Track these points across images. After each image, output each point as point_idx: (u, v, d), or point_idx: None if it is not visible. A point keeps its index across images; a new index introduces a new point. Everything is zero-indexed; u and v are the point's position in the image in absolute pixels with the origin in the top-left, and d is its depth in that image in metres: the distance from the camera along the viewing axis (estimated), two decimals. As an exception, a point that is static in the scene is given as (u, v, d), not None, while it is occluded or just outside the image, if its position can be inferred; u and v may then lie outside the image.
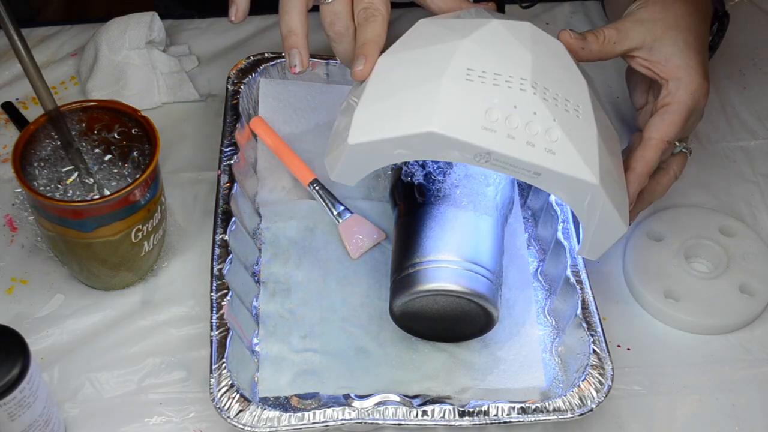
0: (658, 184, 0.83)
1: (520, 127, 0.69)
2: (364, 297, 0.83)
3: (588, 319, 0.78)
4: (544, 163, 0.69)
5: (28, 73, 0.73)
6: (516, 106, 0.69)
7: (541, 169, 0.69)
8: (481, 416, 0.73)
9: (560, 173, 0.69)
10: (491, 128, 0.69)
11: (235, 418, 0.73)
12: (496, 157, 0.69)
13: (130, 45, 0.97)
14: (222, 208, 0.84)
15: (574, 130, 0.70)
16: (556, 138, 0.69)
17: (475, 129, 0.68)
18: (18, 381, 0.66)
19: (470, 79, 0.70)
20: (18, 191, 0.90)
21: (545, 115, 0.70)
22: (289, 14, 0.77)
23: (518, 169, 0.69)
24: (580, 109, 0.72)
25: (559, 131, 0.69)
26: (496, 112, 0.69)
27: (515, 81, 0.70)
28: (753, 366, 0.82)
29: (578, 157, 0.70)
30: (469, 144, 0.68)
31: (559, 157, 0.69)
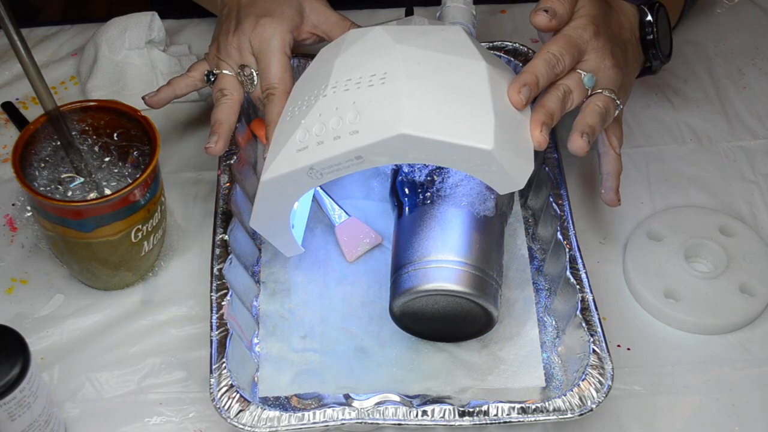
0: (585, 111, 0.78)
1: (326, 129, 0.72)
2: (364, 297, 0.83)
3: (588, 319, 0.78)
4: (354, 144, 0.71)
5: (28, 73, 0.73)
6: (320, 114, 0.74)
7: (356, 152, 0.71)
8: (481, 416, 0.73)
9: (367, 145, 0.71)
10: (303, 147, 0.73)
11: (235, 418, 0.73)
12: (319, 167, 0.72)
13: (130, 45, 0.97)
14: (222, 208, 0.84)
15: (373, 100, 0.72)
16: (354, 117, 0.71)
17: (293, 157, 0.73)
18: (18, 381, 0.66)
19: (289, 116, 0.77)
20: (18, 191, 0.90)
21: (345, 104, 0.72)
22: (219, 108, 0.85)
23: (343, 163, 0.72)
24: (387, 75, 0.73)
25: (356, 109, 0.71)
26: (303, 131, 0.73)
27: (318, 94, 0.75)
28: (753, 366, 0.82)
29: (377, 121, 0.71)
30: (293, 172, 0.73)
31: (363, 133, 0.71)
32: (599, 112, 0.79)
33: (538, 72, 0.76)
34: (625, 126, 0.97)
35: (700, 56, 1.05)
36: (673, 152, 0.96)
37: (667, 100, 1.01)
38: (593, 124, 0.78)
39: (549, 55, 0.77)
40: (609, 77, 0.80)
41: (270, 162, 0.75)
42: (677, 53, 1.05)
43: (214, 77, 0.86)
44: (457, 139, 0.70)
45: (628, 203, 0.91)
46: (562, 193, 0.86)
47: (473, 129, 0.70)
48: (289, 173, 0.73)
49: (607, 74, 0.80)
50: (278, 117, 0.80)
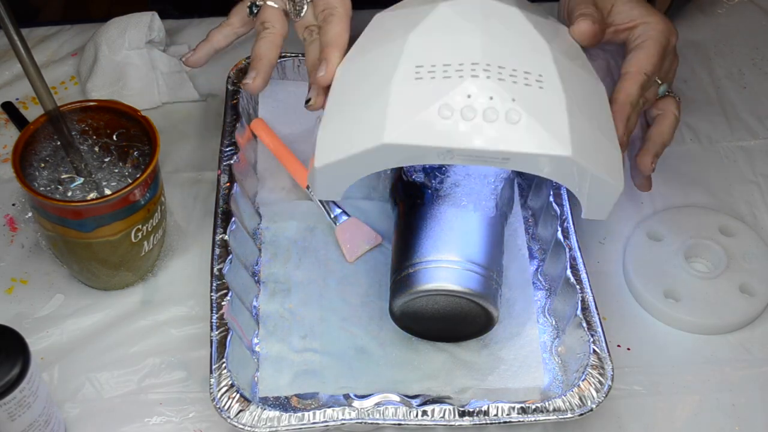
0: (661, 126, 0.84)
1: (478, 116, 0.66)
2: (364, 297, 0.83)
3: (588, 319, 0.78)
4: (509, 147, 0.66)
5: (28, 73, 0.73)
6: (470, 95, 0.67)
7: (507, 154, 0.67)
8: (481, 416, 0.73)
9: (528, 153, 0.67)
10: (446, 125, 0.66)
11: (235, 418, 0.73)
12: (458, 152, 0.67)
13: (129, 45, 0.97)
14: (222, 208, 0.84)
15: (537, 105, 0.67)
16: (518, 118, 0.67)
17: (430, 130, 0.66)
18: (18, 381, 0.66)
19: (420, 77, 0.68)
20: (18, 191, 0.90)
21: (503, 97, 0.67)
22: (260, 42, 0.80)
23: (486, 158, 0.67)
24: (544, 79, 0.69)
25: (519, 110, 0.67)
26: (449, 107, 0.67)
27: (466, 68, 0.68)
28: (753, 366, 0.82)
29: (545, 133, 0.66)
30: (426, 147, 0.66)
31: (525, 137, 0.66)
32: (674, 125, 0.85)
33: (634, 101, 0.79)
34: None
35: (700, 56, 1.05)
36: (673, 152, 0.96)
37: (667, 100, 1.01)
38: (668, 141, 0.84)
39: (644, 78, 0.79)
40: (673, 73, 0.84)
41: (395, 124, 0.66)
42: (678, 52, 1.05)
43: (258, 9, 0.81)
44: (606, 175, 0.69)
45: (628, 203, 0.92)
46: (562, 193, 0.86)
47: (611, 163, 0.70)
48: (421, 146, 0.66)
49: (673, 71, 0.84)
50: (339, 39, 0.74)
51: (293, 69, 0.97)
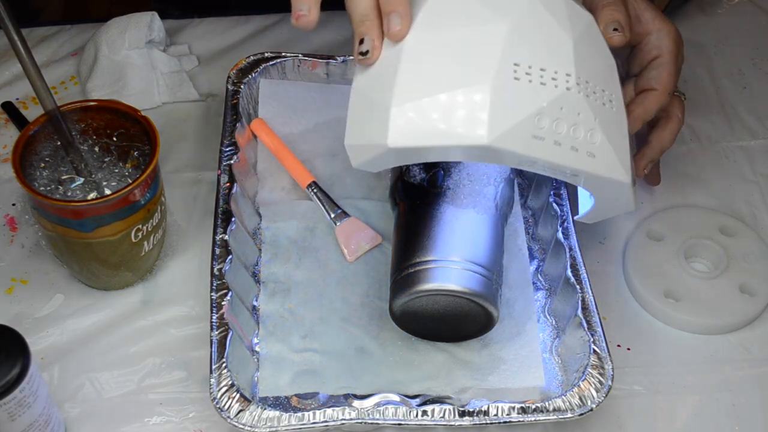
0: (663, 130, 0.85)
1: (565, 133, 0.68)
2: (364, 297, 0.83)
3: (588, 319, 0.78)
4: (585, 167, 0.69)
5: (28, 73, 0.73)
6: (562, 108, 0.67)
7: (581, 173, 0.70)
8: (481, 416, 0.73)
9: (599, 176, 0.70)
10: (540, 136, 0.66)
11: (235, 418, 0.73)
12: (541, 164, 0.68)
13: (129, 45, 0.97)
14: (222, 208, 0.84)
15: (611, 128, 0.70)
16: (597, 140, 0.69)
17: (526, 138, 0.66)
18: (18, 381, 0.66)
19: (517, 77, 0.66)
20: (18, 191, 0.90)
21: (588, 116, 0.69)
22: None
23: (558, 172, 0.70)
24: (614, 99, 0.72)
25: (600, 133, 0.69)
26: (545, 118, 0.66)
27: (560, 77, 0.68)
28: (753, 366, 0.82)
29: (615, 159, 0.70)
30: (519, 155, 0.66)
31: (599, 160, 0.69)
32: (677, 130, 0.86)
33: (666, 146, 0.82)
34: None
35: (700, 56, 1.05)
36: (673, 152, 0.96)
37: (667, 100, 1.01)
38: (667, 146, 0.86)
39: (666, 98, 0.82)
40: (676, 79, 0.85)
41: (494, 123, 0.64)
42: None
43: None
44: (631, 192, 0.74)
45: (628, 203, 0.92)
46: (562, 193, 0.86)
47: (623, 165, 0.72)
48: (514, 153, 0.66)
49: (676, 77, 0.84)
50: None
51: (293, 69, 0.97)
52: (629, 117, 0.78)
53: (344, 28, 1.06)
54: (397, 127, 0.66)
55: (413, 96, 0.66)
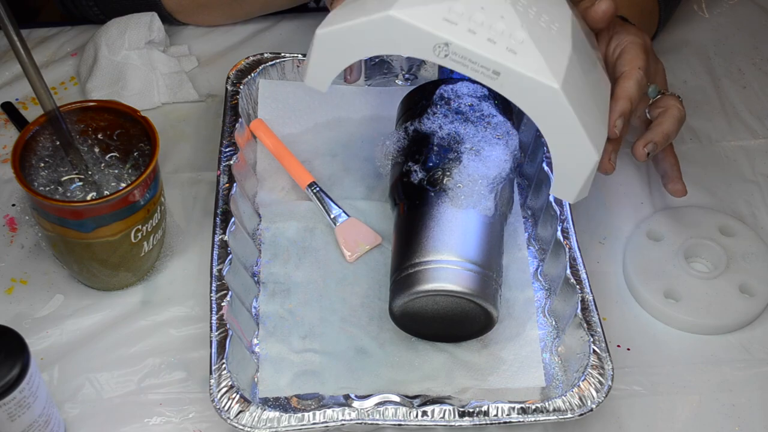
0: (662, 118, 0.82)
1: (484, 24, 0.68)
2: (363, 297, 0.83)
3: (588, 319, 0.78)
4: (504, 60, 0.68)
5: (27, 73, 0.73)
6: (483, 7, 0.69)
7: (500, 68, 0.68)
8: (481, 416, 0.73)
9: (520, 73, 0.68)
10: (452, 20, 0.68)
11: (235, 418, 0.73)
12: (454, 49, 0.68)
13: (129, 45, 0.97)
14: (221, 208, 0.84)
15: (542, 38, 0.69)
16: (520, 39, 0.68)
17: (436, 18, 0.68)
18: (18, 381, 0.66)
19: None
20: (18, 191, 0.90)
21: (512, 19, 0.69)
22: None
23: (477, 66, 0.68)
24: (555, 27, 0.71)
25: (524, 34, 0.69)
26: (460, 6, 0.69)
27: None
28: (753, 366, 0.82)
29: (541, 60, 0.68)
30: (428, 32, 0.68)
31: (521, 58, 0.68)
32: (678, 117, 0.82)
33: (633, 97, 0.78)
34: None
35: (700, 56, 1.05)
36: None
37: (667, 100, 1.01)
38: (669, 131, 0.82)
39: (640, 74, 0.79)
40: (663, 78, 0.84)
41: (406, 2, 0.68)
42: (677, 53, 1.05)
43: None
44: (585, 132, 0.70)
45: (628, 203, 0.92)
46: (562, 193, 0.86)
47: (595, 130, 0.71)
48: (422, 29, 0.68)
49: (662, 75, 0.83)
50: None
51: (292, 69, 0.97)
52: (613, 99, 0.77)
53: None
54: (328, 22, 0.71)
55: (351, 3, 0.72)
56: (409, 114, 0.86)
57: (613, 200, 0.92)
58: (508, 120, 0.84)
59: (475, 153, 0.81)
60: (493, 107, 0.84)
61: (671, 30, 1.07)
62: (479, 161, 0.81)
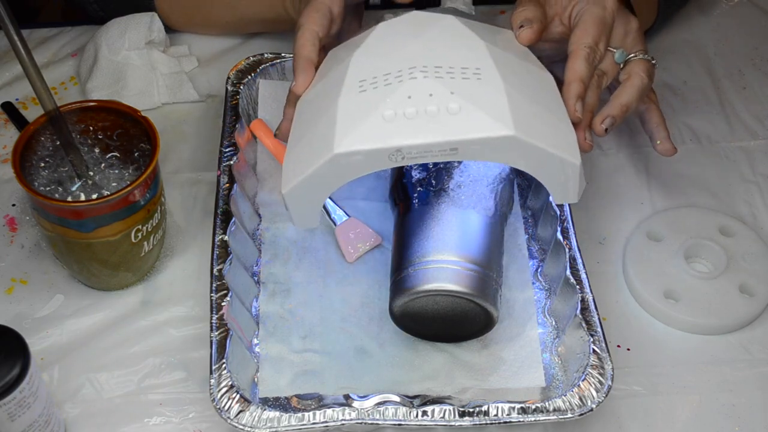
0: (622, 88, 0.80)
1: (419, 113, 0.69)
2: (363, 297, 0.83)
3: (588, 319, 0.78)
4: (453, 136, 0.69)
5: (28, 73, 0.73)
6: (410, 96, 0.70)
7: (453, 143, 0.69)
8: (481, 416, 0.73)
9: (472, 139, 0.69)
10: (391, 126, 0.69)
11: (235, 418, 0.73)
12: (406, 151, 0.69)
13: (129, 45, 0.97)
14: (222, 208, 0.84)
15: (476, 93, 0.70)
16: (457, 108, 0.69)
17: (375, 134, 0.69)
18: (18, 381, 0.66)
19: (363, 89, 0.72)
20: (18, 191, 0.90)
21: (440, 92, 0.70)
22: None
23: (435, 152, 0.69)
24: (481, 71, 0.72)
25: (458, 100, 0.69)
26: (391, 110, 0.70)
27: (405, 73, 0.71)
28: (753, 366, 0.81)
29: (485, 117, 0.69)
30: (375, 150, 0.69)
31: (467, 124, 0.69)
32: (639, 86, 0.80)
33: (584, 76, 0.76)
34: (624, 127, 0.97)
35: (700, 56, 1.05)
36: (672, 152, 0.96)
37: (667, 100, 1.01)
38: (628, 102, 0.79)
39: (587, 51, 0.77)
40: (636, 38, 0.81)
41: (343, 134, 0.70)
42: (677, 53, 1.05)
43: None
44: (556, 150, 0.70)
45: (628, 203, 0.92)
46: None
47: (564, 141, 0.72)
48: (370, 150, 0.70)
49: (633, 36, 0.81)
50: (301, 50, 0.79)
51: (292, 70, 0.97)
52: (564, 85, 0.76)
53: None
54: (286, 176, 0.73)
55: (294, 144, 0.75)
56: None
57: (613, 200, 0.92)
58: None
59: (475, 153, 0.81)
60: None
61: (671, 30, 1.07)
62: (479, 161, 0.81)
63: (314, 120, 0.74)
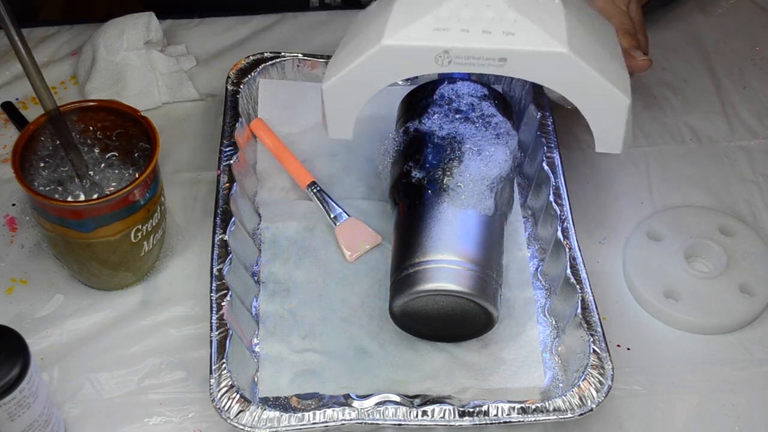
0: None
1: (473, 19, 0.69)
2: (364, 297, 0.83)
3: (588, 319, 0.78)
4: (505, 45, 0.69)
5: (28, 73, 0.73)
6: (467, 4, 0.70)
7: (504, 53, 0.69)
8: (481, 416, 0.73)
9: (525, 51, 0.69)
10: (443, 27, 0.69)
11: (235, 418, 0.73)
12: (455, 53, 0.69)
13: (128, 46, 0.97)
14: (222, 208, 0.84)
15: (532, 11, 0.70)
16: (513, 20, 0.69)
17: (426, 32, 0.69)
18: (18, 381, 0.66)
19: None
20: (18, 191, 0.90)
21: (499, 3, 0.70)
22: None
23: (482, 60, 0.69)
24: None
25: (514, 14, 0.69)
26: (445, 12, 0.69)
27: None
28: (753, 366, 0.82)
29: (540, 31, 0.69)
30: (424, 48, 0.69)
31: (520, 37, 0.69)
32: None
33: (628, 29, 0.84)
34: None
35: (700, 56, 1.05)
36: (673, 152, 0.96)
37: (667, 100, 1.01)
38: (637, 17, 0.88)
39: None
40: None
41: (394, 29, 0.70)
42: (678, 52, 1.05)
43: None
44: (607, 79, 0.70)
45: (628, 203, 0.92)
46: (562, 193, 0.86)
47: (617, 76, 0.72)
48: (418, 47, 0.70)
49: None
50: None
51: (293, 69, 0.97)
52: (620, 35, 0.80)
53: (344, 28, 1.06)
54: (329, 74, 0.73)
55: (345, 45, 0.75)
56: (409, 114, 0.86)
57: (613, 200, 0.92)
58: (508, 120, 0.84)
59: (476, 153, 0.81)
60: (493, 107, 0.84)
61: (671, 29, 1.07)
62: (479, 161, 0.81)
63: (368, 22, 0.73)
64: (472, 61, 0.69)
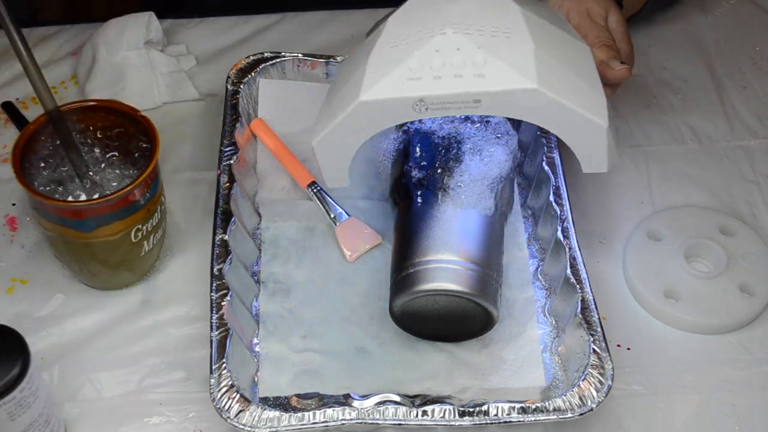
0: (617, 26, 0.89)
1: (444, 65, 0.71)
2: (364, 297, 0.83)
3: (588, 319, 0.78)
4: (476, 87, 0.70)
5: (28, 72, 0.73)
6: (438, 50, 0.72)
7: (477, 95, 0.70)
8: (481, 416, 0.73)
9: (495, 91, 0.70)
10: (416, 77, 0.71)
11: (235, 418, 0.73)
12: (430, 101, 0.71)
13: (128, 46, 0.97)
14: (222, 208, 0.84)
15: (502, 50, 0.71)
16: (483, 61, 0.71)
17: (401, 83, 0.71)
18: (18, 381, 0.66)
19: (395, 45, 0.74)
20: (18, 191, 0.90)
21: (468, 46, 0.71)
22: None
23: (458, 103, 0.71)
24: (512, 31, 0.73)
25: (484, 54, 0.71)
26: (417, 62, 0.71)
27: (436, 31, 0.73)
28: (753, 366, 0.81)
29: (509, 70, 0.70)
30: (399, 99, 0.71)
31: (490, 78, 0.70)
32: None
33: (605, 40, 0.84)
34: (625, 126, 0.97)
35: (700, 56, 1.05)
36: (673, 152, 0.96)
37: (667, 100, 1.01)
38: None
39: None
40: None
41: (370, 84, 0.73)
42: (678, 51, 1.05)
43: None
44: (580, 109, 0.71)
45: (628, 203, 0.92)
46: (562, 193, 0.86)
47: (591, 102, 0.73)
48: (394, 99, 0.72)
49: None
50: None
51: (293, 69, 0.97)
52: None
53: (344, 28, 1.06)
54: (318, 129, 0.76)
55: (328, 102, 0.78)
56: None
57: (613, 200, 0.92)
58: (508, 120, 0.84)
59: (476, 153, 0.81)
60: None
61: (671, 29, 1.07)
62: (479, 161, 0.81)
63: (347, 76, 0.76)
64: (447, 106, 0.71)
